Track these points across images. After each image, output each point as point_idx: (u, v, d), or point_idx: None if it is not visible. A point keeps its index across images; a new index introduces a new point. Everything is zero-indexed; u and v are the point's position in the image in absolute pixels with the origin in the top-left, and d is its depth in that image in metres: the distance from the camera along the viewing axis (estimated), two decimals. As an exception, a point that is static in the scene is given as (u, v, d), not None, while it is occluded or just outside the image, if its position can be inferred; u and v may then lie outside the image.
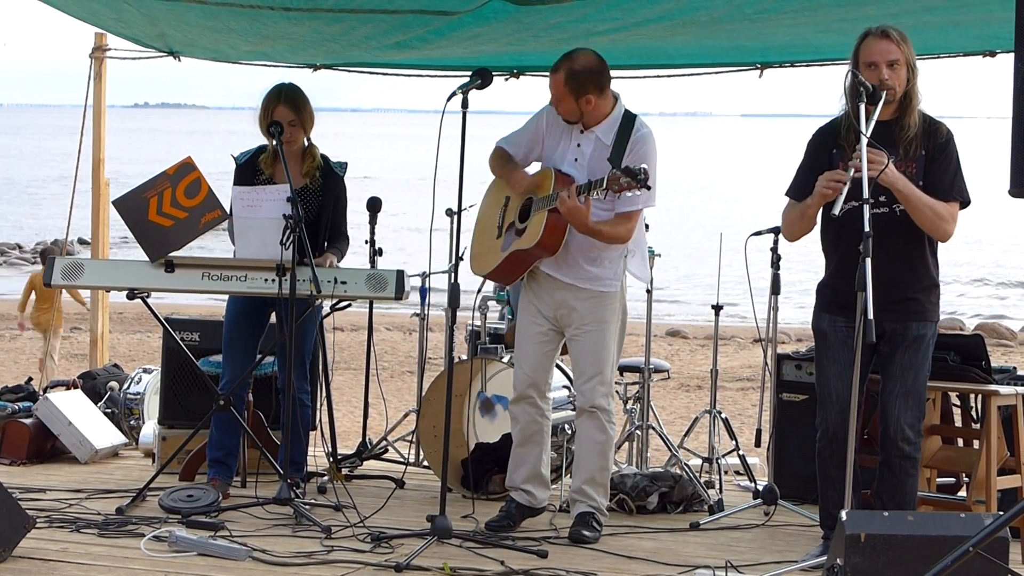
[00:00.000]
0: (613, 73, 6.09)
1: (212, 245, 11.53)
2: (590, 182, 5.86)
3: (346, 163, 6.88)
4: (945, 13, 6.38)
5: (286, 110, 6.64)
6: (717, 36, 7.26)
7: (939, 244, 5.53)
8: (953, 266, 27.81)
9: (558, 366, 6.68)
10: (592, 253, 6.08)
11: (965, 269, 30.18)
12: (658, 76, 8.57)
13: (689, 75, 8.54)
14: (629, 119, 6.07)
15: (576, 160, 6.11)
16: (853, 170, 5.12)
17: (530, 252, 6.09)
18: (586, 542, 6.01)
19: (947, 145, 5.44)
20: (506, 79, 8.50)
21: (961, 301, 25.67)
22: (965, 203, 5.45)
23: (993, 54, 7.31)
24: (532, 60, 8.23)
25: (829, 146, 5.54)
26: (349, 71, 8.80)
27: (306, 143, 6.80)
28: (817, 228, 5.59)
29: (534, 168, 6.35)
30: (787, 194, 5.65)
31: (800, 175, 5.61)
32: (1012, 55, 3.89)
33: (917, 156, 5.41)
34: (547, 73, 6.14)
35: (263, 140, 6.80)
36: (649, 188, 5.73)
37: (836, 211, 5.12)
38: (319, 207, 6.72)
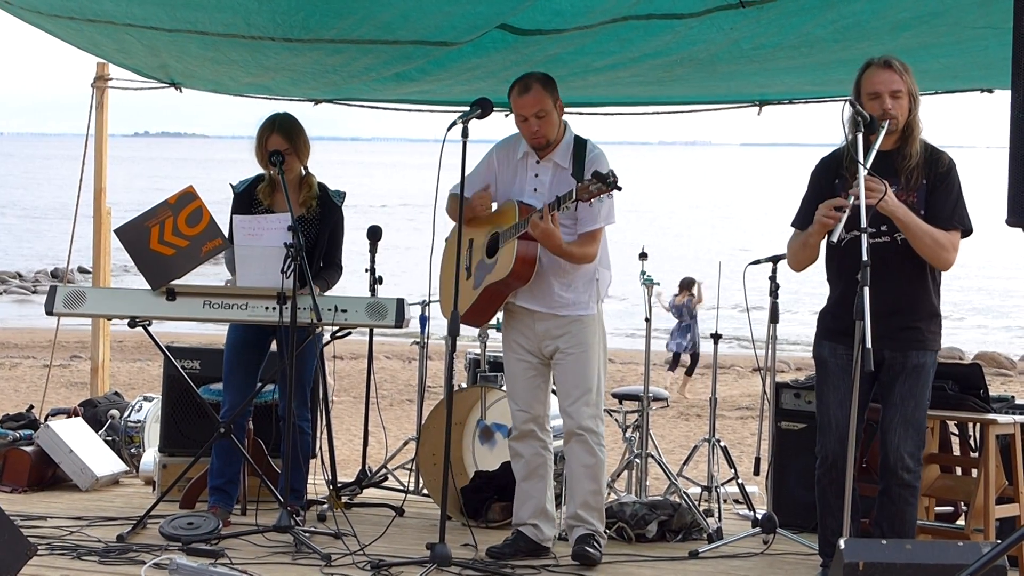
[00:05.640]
0: (612, 110, 6.16)
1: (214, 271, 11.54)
2: (558, 198, 5.89)
3: (344, 192, 6.89)
4: (942, 50, 6.40)
5: (280, 139, 6.66)
6: (715, 79, 7.27)
7: (941, 274, 5.54)
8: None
9: (553, 392, 6.68)
10: (564, 278, 6.12)
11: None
12: (656, 113, 8.64)
13: (688, 112, 8.61)
14: (581, 143, 6.17)
15: (535, 190, 6.16)
16: (853, 198, 5.13)
17: (504, 283, 6.11)
18: (591, 559, 6.01)
19: (948, 174, 5.43)
20: (506, 115, 8.53)
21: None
22: (967, 231, 5.43)
23: (991, 91, 7.35)
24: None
25: (831, 177, 5.54)
26: (350, 105, 8.82)
27: (303, 172, 6.82)
28: (822, 257, 5.60)
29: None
30: (792, 224, 5.65)
31: (804, 205, 5.61)
32: (1008, 92, 3.92)
33: (919, 186, 5.40)
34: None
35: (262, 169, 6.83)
36: (620, 188, 5.77)
37: (835, 238, 5.14)
38: (316, 236, 6.74)
